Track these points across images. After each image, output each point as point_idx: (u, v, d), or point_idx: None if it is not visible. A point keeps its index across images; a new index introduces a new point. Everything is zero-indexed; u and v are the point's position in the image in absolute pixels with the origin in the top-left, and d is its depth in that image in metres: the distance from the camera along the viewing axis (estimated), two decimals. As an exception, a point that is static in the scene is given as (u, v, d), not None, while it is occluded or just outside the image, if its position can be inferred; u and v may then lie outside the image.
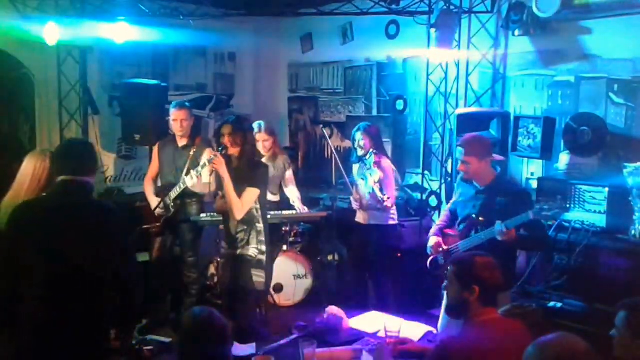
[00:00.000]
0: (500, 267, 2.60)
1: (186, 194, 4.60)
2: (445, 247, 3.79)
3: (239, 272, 4.05)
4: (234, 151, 3.96)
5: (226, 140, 3.92)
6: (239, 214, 3.92)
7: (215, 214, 4.55)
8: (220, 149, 3.95)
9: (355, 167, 4.95)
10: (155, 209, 4.60)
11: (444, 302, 3.66)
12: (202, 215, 4.82)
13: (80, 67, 5.35)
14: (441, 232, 3.91)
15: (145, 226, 4.64)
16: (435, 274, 3.95)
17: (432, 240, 3.89)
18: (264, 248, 4.05)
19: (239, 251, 4.03)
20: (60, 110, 5.37)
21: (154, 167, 4.94)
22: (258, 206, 4.08)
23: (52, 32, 4.71)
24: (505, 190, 3.60)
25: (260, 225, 4.06)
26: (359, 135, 4.78)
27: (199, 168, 4.16)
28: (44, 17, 4.76)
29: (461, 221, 3.78)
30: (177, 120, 4.73)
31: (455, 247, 3.73)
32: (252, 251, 4.02)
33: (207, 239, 5.19)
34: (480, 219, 3.57)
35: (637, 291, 3.21)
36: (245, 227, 4.01)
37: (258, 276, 4.04)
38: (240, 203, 3.91)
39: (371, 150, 4.68)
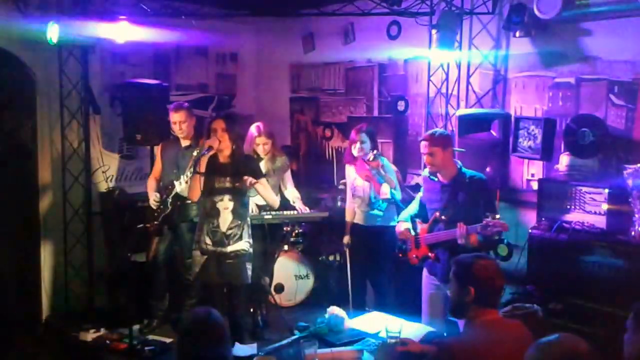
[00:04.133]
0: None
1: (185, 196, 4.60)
2: (413, 233, 3.90)
3: (233, 268, 4.04)
4: (226, 147, 3.97)
5: (219, 135, 3.94)
6: (277, 204, 4.39)
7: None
8: (206, 150, 3.92)
9: (351, 168, 4.91)
10: (157, 207, 4.60)
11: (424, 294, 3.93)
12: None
13: (82, 67, 5.34)
14: (411, 219, 4.01)
15: (145, 225, 4.63)
16: (403, 259, 4.03)
17: (402, 225, 3.98)
18: (251, 241, 4.13)
19: (229, 248, 4.02)
20: (62, 110, 5.36)
21: (157, 167, 4.95)
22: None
23: (54, 31, 4.70)
24: (467, 183, 3.72)
25: (249, 219, 4.16)
26: (363, 137, 4.72)
27: (188, 173, 4.13)
28: (45, 16, 4.76)
29: (427, 214, 3.91)
30: (176, 122, 4.73)
31: (422, 238, 3.85)
32: (245, 245, 4.06)
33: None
34: (443, 217, 3.71)
35: (637, 292, 3.22)
36: (239, 222, 4.05)
37: (249, 269, 4.10)
38: (275, 196, 4.38)
39: (376, 152, 4.66)
